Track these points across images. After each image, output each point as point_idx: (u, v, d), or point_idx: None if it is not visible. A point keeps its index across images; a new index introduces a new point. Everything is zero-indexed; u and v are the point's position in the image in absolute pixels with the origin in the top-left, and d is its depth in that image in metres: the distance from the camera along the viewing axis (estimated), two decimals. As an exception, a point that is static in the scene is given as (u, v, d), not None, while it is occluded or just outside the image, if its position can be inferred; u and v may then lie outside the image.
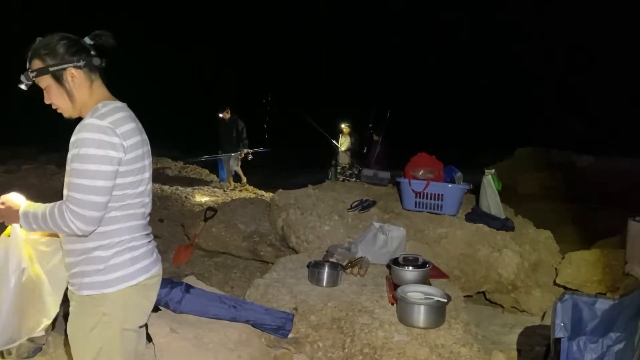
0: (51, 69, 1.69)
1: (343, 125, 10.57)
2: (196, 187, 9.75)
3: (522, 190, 9.36)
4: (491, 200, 4.51)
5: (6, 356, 2.57)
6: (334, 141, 9.59)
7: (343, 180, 8.72)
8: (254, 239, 5.18)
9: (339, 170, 9.41)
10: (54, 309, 2.01)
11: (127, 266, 1.74)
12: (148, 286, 1.82)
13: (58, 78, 1.71)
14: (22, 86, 1.74)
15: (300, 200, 5.00)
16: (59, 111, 1.79)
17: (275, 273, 3.63)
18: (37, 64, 1.71)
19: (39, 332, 1.99)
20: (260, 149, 10.70)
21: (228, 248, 5.28)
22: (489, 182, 4.52)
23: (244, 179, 10.90)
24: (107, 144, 1.61)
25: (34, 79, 1.72)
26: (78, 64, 1.71)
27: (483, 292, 4.47)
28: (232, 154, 10.30)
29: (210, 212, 5.50)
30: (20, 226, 1.75)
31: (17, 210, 1.73)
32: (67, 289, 1.84)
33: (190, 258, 5.14)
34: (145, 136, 1.85)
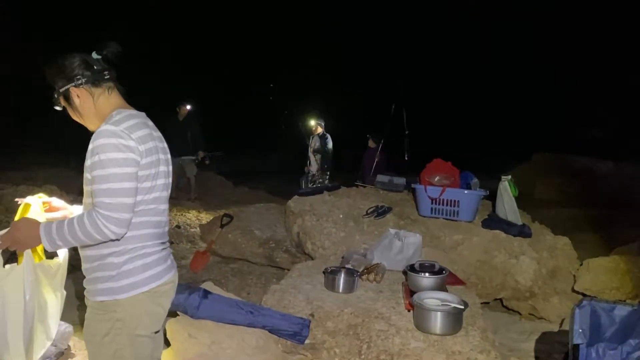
0: (61, 90, 1.79)
1: (313, 123, 8.93)
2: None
3: (540, 197, 9.28)
4: (508, 207, 4.49)
5: None
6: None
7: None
8: (270, 245, 5.20)
9: (309, 178, 8.70)
10: (54, 330, 2.04)
11: (138, 273, 1.76)
12: (161, 293, 1.83)
13: (67, 98, 1.81)
14: (57, 108, 1.86)
15: (315, 207, 5.01)
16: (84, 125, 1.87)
17: (291, 279, 3.64)
18: (56, 87, 1.81)
19: (42, 355, 2.02)
20: (219, 153, 9.45)
21: (244, 254, 5.31)
22: (506, 188, 4.49)
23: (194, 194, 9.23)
24: (126, 147, 1.65)
25: (57, 100, 1.83)
26: (78, 83, 1.77)
27: (500, 299, 4.44)
28: (188, 158, 8.88)
29: (226, 218, 5.54)
30: (44, 246, 1.72)
31: (37, 230, 1.70)
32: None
33: (207, 264, 5.17)
34: (162, 144, 1.88)
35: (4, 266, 1.83)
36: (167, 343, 2.51)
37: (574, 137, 14.33)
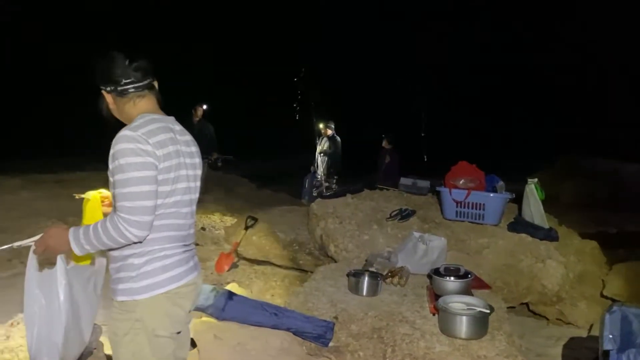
0: (100, 88, 1.89)
1: (321, 126, 8.97)
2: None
3: (567, 200, 9.12)
4: (534, 210, 4.43)
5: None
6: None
7: (317, 195, 8.06)
8: (293, 247, 5.22)
9: (314, 183, 8.61)
10: (88, 335, 2.08)
11: (157, 274, 1.78)
12: (180, 294, 1.84)
13: (102, 97, 1.91)
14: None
15: (338, 209, 5.02)
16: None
17: (315, 282, 3.65)
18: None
19: (75, 356, 2.07)
20: (230, 157, 9.29)
21: (268, 256, 5.34)
22: (532, 191, 4.44)
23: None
24: (144, 152, 1.68)
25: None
26: (107, 89, 1.87)
27: (526, 304, 4.38)
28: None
29: (250, 220, 5.57)
30: (71, 251, 1.78)
31: (66, 235, 1.76)
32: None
33: (231, 266, 5.22)
34: (188, 148, 1.91)
35: (39, 270, 1.88)
36: (194, 344, 2.53)
37: (599, 138, 14.08)
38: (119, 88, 1.84)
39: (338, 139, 8.80)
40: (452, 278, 3.17)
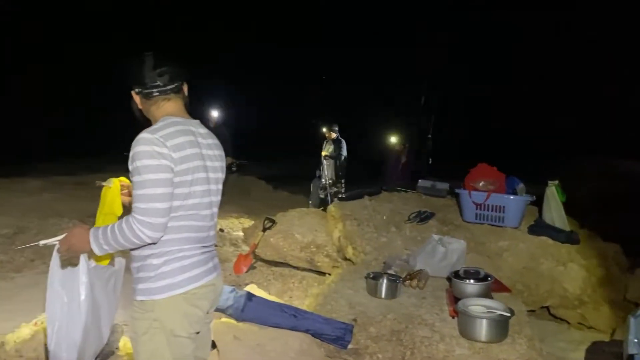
0: (131, 88, 1.94)
1: (325, 129, 8.74)
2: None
3: (588, 202, 8.98)
4: (555, 212, 4.38)
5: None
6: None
7: (325, 199, 8.13)
8: (311, 249, 5.22)
9: (320, 185, 8.41)
10: (107, 333, 2.11)
11: (175, 275, 1.80)
12: (198, 295, 1.86)
13: (131, 96, 1.95)
14: None
15: (356, 212, 5.01)
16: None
17: (333, 284, 3.65)
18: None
19: (94, 352, 2.11)
20: (244, 161, 9.39)
21: (286, 258, 5.35)
22: (553, 194, 4.39)
23: None
24: (159, 154, 1.71)
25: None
26: (136, 91, 1.92)
27: (547, 307, 4.32)
28: None
29: (268, 222, 5.59)
30: (92, 251, 1.81)
31: (88, 236, 1.80)
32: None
33: (250, 267, 5.24)
34: (211, 151, 1.94)
35: (62, 268, 1.91)
36: (213, 345, 2.55)
37: (622, 139, 13.84)
38: (145, 91, 1.88)
39: (343, 141, 8.62)
40: (471, 281, 3.15)
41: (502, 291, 3.51)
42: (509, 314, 2.73)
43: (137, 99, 1.94)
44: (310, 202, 8.62)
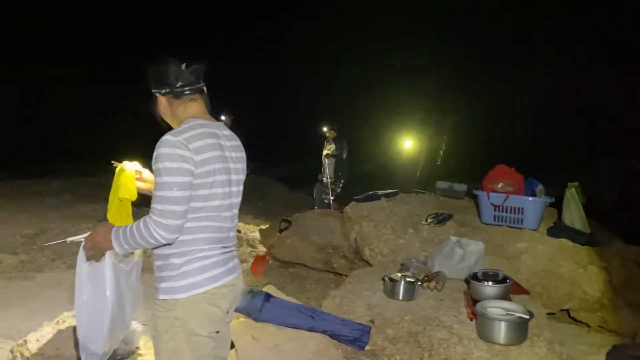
0: (153, 91, 1.96)
1: (325, 129, 8.41)
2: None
3: (609, 204, 8.86)
4: (575, 214, 4.33)
5: (102, 358, 2.75)
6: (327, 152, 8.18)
7: (327, 203, 7.96)
8: (328, 250, 5.23)
9: (323, 189, 8.21)
10: (129, 321, 2.17)
11: (196, 274, 1.83)
12: (218, 295, 1.88)
13: (155, 100, 1.97)
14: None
15: (373, 213, 5.00)
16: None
17: (350, 285, 3.65)
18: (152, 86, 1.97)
19: (119, 342, 2.16)
20: (257, 163, 9.22)
21: (302, 259, 5.36)
22: (573, 195, 4.34)
23: None
24: (180, 157, 1.73)
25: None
26: (162, 91, 1.93)
27: (567, 310, 4.27)
28: None
29: (284, 223, 5.61)
30: (115, 249, 1.86)
31: (110, 235, 1.84)
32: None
33: (266, 268, 5.26)
34: (235, 153, 1.96)
35: (89, 263, 2.00)
36: (232, 345, 2.57)
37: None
38: (175, 90, 1.90)
39: (344, 141, 8.35)
40: (490, 283, 3.12)
41: (521, 294, 3.48)
42: (528, 317, 2.71)
43: (163, 100, 1.94)
44: (315, 208, 8.28)
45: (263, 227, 6.94)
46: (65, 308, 4.06)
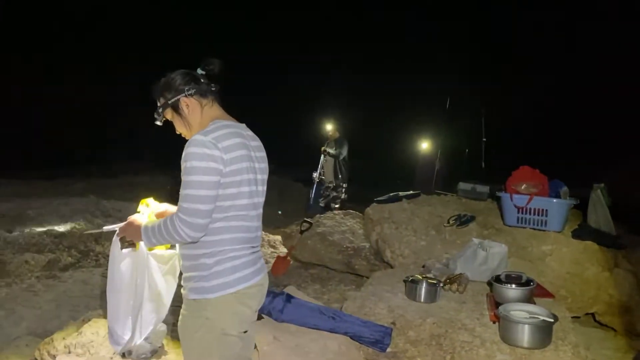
0: (170, 102, 1.93)
1: (329, 128, 8.14)
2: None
3: (635, 205, 8.68)
4: (601, 216, 4.26)
5: (127, 356, 2.79)
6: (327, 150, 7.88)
7: (325, 206, 7.73)
8: (349, 252, 5.23)
9: (320, 193, 7.93)
10: (164, 311, 2.21)
11: (227, 274, 1.84)
12: (248, 295, 1.89)
13: (176, 108, 1.94)
14: (157, 122, 2.00)
15: (394, 215, 4.99)
16: (186, 138, 1.97)
17: (372, 286, 3.64)
18: (161, 100, 1.96)
19: (151, 331, 2.21)
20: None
21: (323, 260, 5.37)
22: (598, 197, 4.27)
23: None
24: (209, 157, 1.75)
25: (161, 113, 1.97)
26: (189, 93, 1.92)
27: (592, 314, 4.20)
28: None
29: (306, 224, 5.63)
30: (143, 242, 1.95)
31: (140, 228, 1.92)
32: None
33: (288, 269, 5.28)
34: (260, 153, 1.98)
35: (121, 250, 2.09)
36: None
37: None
38: (203, 87, 1.93)
39: (345, 141, 8.09)
40: (513, 286, 3.08)
41: (545, 297, 3.43)
42: (552, 320, 2.66)
43: (191, 104, 1.92)
44: (308, 213, 7.82)
45: (284, 228, 6.97)
46: (90, 307, 4.13)
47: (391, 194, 5.50)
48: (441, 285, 3.39)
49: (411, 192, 5.57)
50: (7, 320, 4.04)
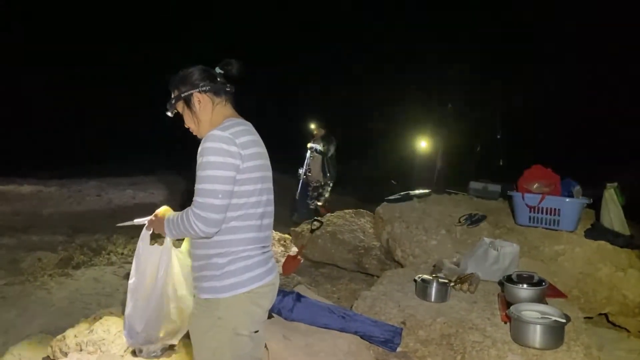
0: (183, 95, 1.94)
1: (313, 126, 7.84)
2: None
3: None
4: (614, 216, 4.20)
5: (138, 354, 2.80)
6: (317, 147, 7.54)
7: (314, 209, 7.44)
8: (359, 251, 5.21)
9: (308, 194, 7.65)
10: (187, 312, 2.22)
11: (240, 274, 1.84)
12: (260, 294, 1.89)
13: (188, 102, 1.94)
14: (168, 113, 2.02)
15: (405, 214, 4.96)
16: (193, 133, 2.01)
17: (382, 286, 3.63)
18: (175, 92, 1.97)
19: (175, 339, 2.23)
20: None
21: (334, 259, 5.36)
22: (612, 196, 4.22)
23: None
24: (226, 152, 1.75)
25: (173, 105, 1.98)
26: (203, 89, 1.92)
27: (605, 314, 4.15)
28: None
29: (316, 223, 5.62)
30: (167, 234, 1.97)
31: (164, 220, 1.94)
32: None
33: (298, 268, 5.28)
34: (265, 152, 1.98)
35: (149, 245, 2.14)
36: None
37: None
38: (218, 85, 1.94)
39: (333, 138, 7.73)
40: (525, 285, 3.05)
41: (557, 297, 3.40)
42: (564, 320, 2.64)
43: (203, 100, 1.92)
44: (294, 215, 7.73)
45: (294, 227, 6.98)
46: (102, 305, 4.16)
47: (402, 193, 5.47)
48: (452, 284, 3.37)
49: (422, 191, 5.54)
50: (21, 317, 4.09)
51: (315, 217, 5.94)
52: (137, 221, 2.20)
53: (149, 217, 2.09)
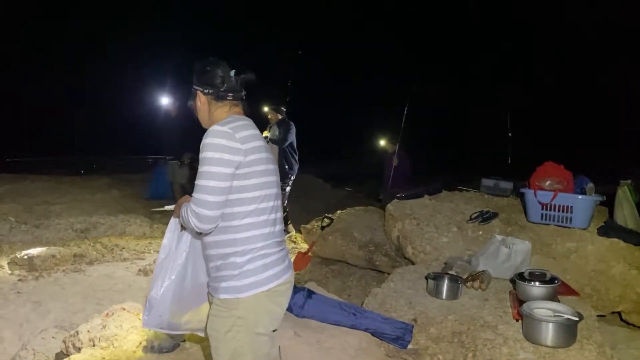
0: (193, 87, 1.99)
1: (267, 109, 6.93)
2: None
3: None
4: (628, 213, 4.16)
5: (149, 350, 2.83)
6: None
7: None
8: (370, 248, 5.21)
9: None
10: (204, 299, 2.24)
11: (259, 272, 1.83)
12: (279, 292, 1.89)
13: (194, 96, 2.00)
14: (191, 102, 2.06)
15: (416, 211, 4.94)
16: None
17: (393, 283, 3.63)
18: (193, 80, 2.01)
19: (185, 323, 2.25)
20: None
21: (344, 256, 5.36)
22: (625, 194, 4.18)
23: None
24: (224, 148, 1.75)
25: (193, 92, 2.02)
26: (204, 91, 1.96)
27: (618, 313, 4.12)
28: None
29: (326, 220, 5.62)
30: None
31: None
32: None
33: (308, 265, 5.29)
34: (267, 146, 2.00)
35: (177, 231, 2.18)
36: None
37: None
38: (220, 93, 1.94)
39: (292, 124, 6.86)
40: (537, 283, 3.04)
41: (569, 295, 3.38)
42: (577, 318, 2.62)
43: (203, 98, 1.97)
44: None
45: (305, 224, 6.98)
46: (115, 300, 4.20)
47: (412, 191, 5.45)
48: (463, 282, 3.36)
49: (432, 187, 5.52)
50: (35, 312, 4.14)
51: (326, 215, 5.94)
52: (168, 207, 2.31)
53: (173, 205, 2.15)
